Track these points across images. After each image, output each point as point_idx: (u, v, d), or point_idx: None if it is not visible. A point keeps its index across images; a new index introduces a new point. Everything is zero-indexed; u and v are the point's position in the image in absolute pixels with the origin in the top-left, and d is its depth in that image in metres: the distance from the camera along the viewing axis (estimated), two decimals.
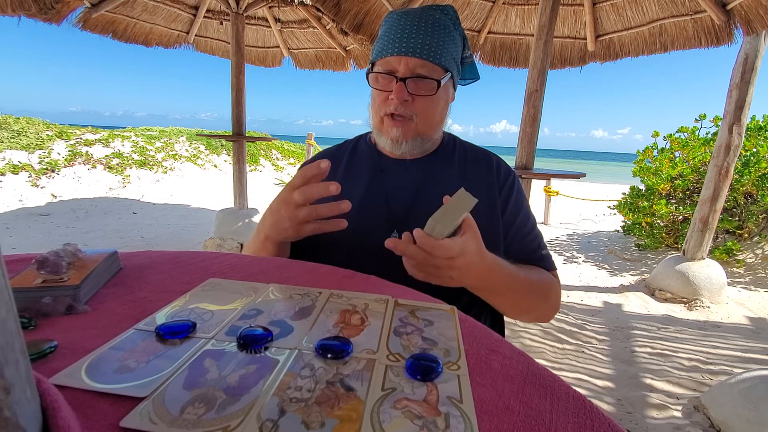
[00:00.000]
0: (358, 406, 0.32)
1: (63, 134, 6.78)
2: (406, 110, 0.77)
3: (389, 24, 0.79)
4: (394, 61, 0.76)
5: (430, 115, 0.80)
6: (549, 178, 3.73)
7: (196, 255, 0.68)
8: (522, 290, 0.74)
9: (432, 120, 0.81)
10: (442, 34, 0.77)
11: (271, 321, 0.45)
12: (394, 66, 0.77)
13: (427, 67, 0.76)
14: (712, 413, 1.64)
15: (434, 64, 0.76)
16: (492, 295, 0.72)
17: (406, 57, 0.75)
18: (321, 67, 4.75)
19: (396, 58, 0.76)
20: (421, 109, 0.78)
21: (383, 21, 0.83)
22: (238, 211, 3.93)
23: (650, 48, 3.03)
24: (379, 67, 0.79)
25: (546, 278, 0.81)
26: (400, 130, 0.78)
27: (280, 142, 11.40)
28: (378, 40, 0.81)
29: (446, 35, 0.77)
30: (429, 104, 0.78)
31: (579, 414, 0.33)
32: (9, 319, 0.21)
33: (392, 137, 0.79)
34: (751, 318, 2.82)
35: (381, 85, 0.79)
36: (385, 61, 0.77)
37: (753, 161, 3.95)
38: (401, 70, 0.76)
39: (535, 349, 2.24)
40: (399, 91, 0.75)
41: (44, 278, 0.48)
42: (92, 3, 3.39)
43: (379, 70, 0.79)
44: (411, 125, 0.79)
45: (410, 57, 0.75)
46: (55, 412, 0.24)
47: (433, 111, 0.80)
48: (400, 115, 0.77)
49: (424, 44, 0.75)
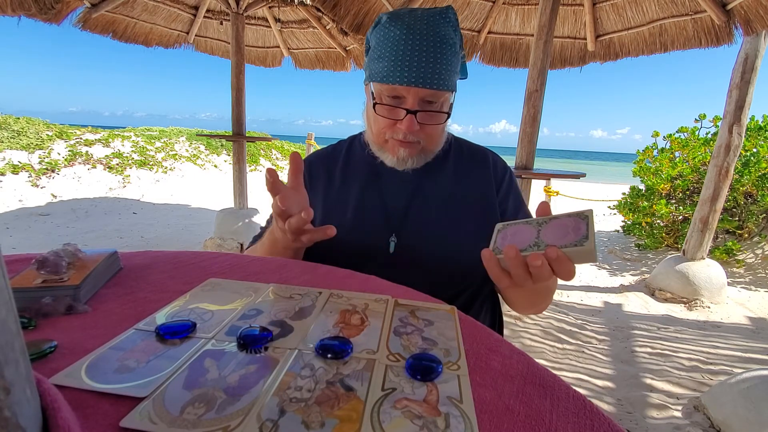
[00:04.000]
0: (358, 406, 0.32)
1: (63, 134, 6.77)
2: (414, 137, 0.75)
3: (393, 42, 0.72)
4: (402, 90, 0.72)
5: (436, 136, 0.79)
6: (549, 178, 3.73)
7: (196, 255, 0.68)
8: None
9: (438, 141, 0.80)
10: (449, 53, 0.72)
11: (271, 321, 0.45)
12: (401, 94, 0.73)
13: (436, 96, 0.73)
14: (712, 413, 1.64)
15: (443, 90, 0.73)
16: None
17: (415, 88, 0.71)
18: (321, 67, 4.74)
19: (404, 88, 0.71)
20: (428, 134, 0.77)
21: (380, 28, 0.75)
22: (238, 211, 3.92)
23: (650, 48, 3.03)
24: (385, 92, 0.74)
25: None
26: (407, 150, 0.77)
27: (280, 142, 11.39)
28: (380, 58, 0.73)
29: (452, 54, 0.73)
30: (436, 129, 0.77)
31: (579, 414, 0.33)
32: (9, 319, 0.21)
33: (399, 156, 0.77)
34: (751, 318, 2.82)
35: (386, 112, 0.75)
36: (392, 89, 0.72)
37: (753, 161, 3.95)
38: (410, 101, 0.72)
39: (535, 349, 2.24)
40: (409, 124, 0.72)
41: (44, 278, 0.48)
42: (92, 3, 3.39)
43: (386, 96, 0.74)
44: (417, 146, 0.78)
45: (419, 88, 0.70)
46: (55, 412, 0.24)
47: (440, 134, 0.79)
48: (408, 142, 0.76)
49: (434, 72, 0.70)
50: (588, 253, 0.49)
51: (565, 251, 0.50)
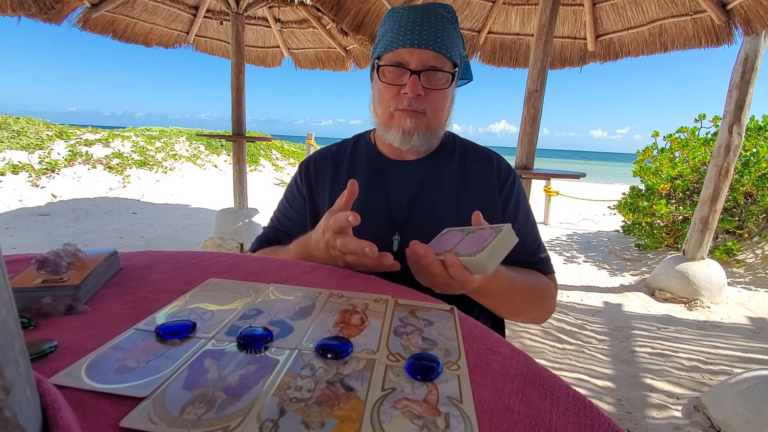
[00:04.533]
0: (358, 406, 0.32)
1: (63, 134, 6.77)
2: (419, 105, 0.75)
3: (395, 19, 0.77)
4: (405, 53, 0.73)
5: (440, 109, 0.78)
6: (549, 178, 3.73)
7: (196, 255, 0.68)
8: (519, 296, 0.73)
9: (442, 115, 0.80)
10: (450, 28, 0.76)
11: (271, 321, 0.45)
12: (405, 58, 0.74)
13: (440, 60, 0.74)
14: (712, 413, 1.64)
15: (446, 57, 0.74)
16: (488, 299, 0.72)
17: (418, 49, 0.73)
18: (321, 67, 4.74)
19: (408, 50, 0.73)
20: (433, 104, 0.76)
21: (385, 18, 0.80)
22: (238, 211, 3.92)
23: (650, 48, 3.03)
24: (389, 60, 0.75)
25: (543, 283, 0.80)
26: (413, 121, 0.76)
27: (280, 142, 11.40)
28: (383, 36, 0.78)
29: (453, 30, 0.77)
30: (441, 98, 0.77)
31: (579, 414, 0.33)
32: (9, 319, 0.21)
33: (405, 128, 0.76)
34: (751, 318, 2.82)
35: (391, 79, 0.76)
36: (396, 54, 0.74)
37: (753, 161, 3.95)
38: (414, 62, 0.73)
39: (535, 349, 2.24)
40: (413, 85, 0.73)
41: (44, 278, 0.48)
42: (92, 3, 3.39)
43: (389, 62, 0.75)
44: (423, 119, 0.77)
45: (423, 49, 0.73)
46: (55, 412, 0.24)
47: (443, 105, 0.79)
48: (414, 110, 0.76)
49: (436, 37, 0.73)
50: (479, 264, 0.51)
51: (461, 259, 0.53)
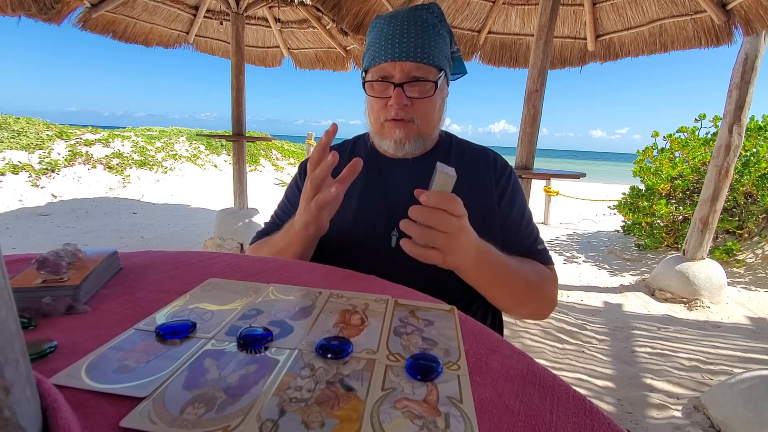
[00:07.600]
0: (358, 406, 0.32)
1: (63, 134, 6.77)
2: (406, 114, 0.77)
3: (377, 30, 0.79)
4: (388, 67, 0.76)
5: (429, 115, 0.80)
6: (549, 178, 3.74)
7: (196, 255, 0.68)
8: (516, 280, 0.73)
9: (432, 120, 0.81)
10: (432, 33, 0.77)
11: (271, 321, 0.45)
12: (389, 72, 0.76)
13: (422, 70, 0.76)
14: (712, 413, 1.64)
15: (428, 65, 0.76)
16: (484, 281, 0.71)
17: (400, 62, 0.75)
18: (321, 67, 4.74)
19: (390, 64, 0.76)
20: (421, 112, 0.78)
21: (370, 27, 0.82)
22: (238, 211, 3.92)
23: (650, 48, 3.03)
24: (374, 74, 0.78)
25: (541, 271, 0.80)
26: (403, 131, 0.78)
27: (280, 142, 11.40)
28: (368, 48, 0.81)
29: (435, 34, 0.77)
30: (428, 106, 0.78)
31: (579, 414, 0.33)
32: (9, 319, 0.21)
33: (395, 139, 0.79)
34: (751, 318, 2.82)
35: (378, 92, 0.79)
36: (380, 68, 0.77)
37: (753, 161, 3.95)
38: (397, 75, 0.76)
39: (535, 349, 2.24)
40: (398, 97, 0.75)
41: (44, 278, 0.48)
42: (92, 3, 3.39)
43: (374, 77, 0.78)
44: (413, 127, 0.79)
45: (404, 62, 0.75)
46: (55, 412, 0.24)
47: (431, 111, 0.80)
48: (402, 119, 0.78)
49: (416, 47, 0.75)
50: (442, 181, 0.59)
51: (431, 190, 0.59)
